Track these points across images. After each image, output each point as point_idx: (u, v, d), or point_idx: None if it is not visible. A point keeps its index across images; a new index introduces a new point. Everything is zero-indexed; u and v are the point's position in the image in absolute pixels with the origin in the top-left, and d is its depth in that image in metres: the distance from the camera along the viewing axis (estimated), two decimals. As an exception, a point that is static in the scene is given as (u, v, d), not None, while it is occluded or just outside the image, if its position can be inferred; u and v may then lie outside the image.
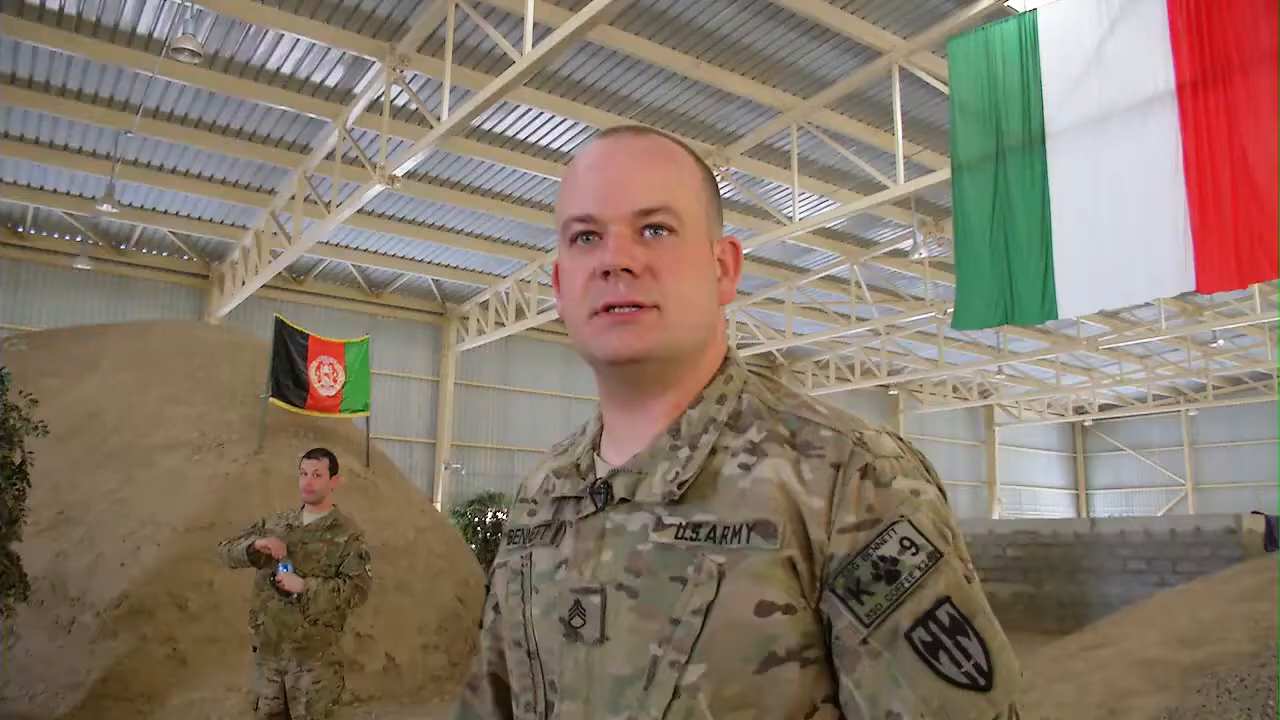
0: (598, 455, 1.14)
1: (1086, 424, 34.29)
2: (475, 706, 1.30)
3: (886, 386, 28.27)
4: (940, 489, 1.02)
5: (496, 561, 1.23)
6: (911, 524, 0.96)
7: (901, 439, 1.06)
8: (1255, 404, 28.31)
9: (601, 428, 1.17)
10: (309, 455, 5.19)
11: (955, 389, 28.63)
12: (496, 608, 1.25)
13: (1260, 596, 7.89)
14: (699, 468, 1.03)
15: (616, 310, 1.03)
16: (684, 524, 1.00)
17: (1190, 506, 30.65)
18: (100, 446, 10.34)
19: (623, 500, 1.05)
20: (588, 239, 1.07)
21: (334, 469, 5.20)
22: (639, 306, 1.03)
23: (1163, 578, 15.39)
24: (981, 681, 0.91)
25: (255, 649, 4.99)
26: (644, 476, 1.05)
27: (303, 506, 5.15)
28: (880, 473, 0.98)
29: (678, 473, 1.03)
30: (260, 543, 4.92)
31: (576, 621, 1.04)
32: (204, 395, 11.47)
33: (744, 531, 0.97)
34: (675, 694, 0.95)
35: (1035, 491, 33.65)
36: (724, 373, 1.12)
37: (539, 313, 18.28)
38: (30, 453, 7.66)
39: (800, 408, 1.07)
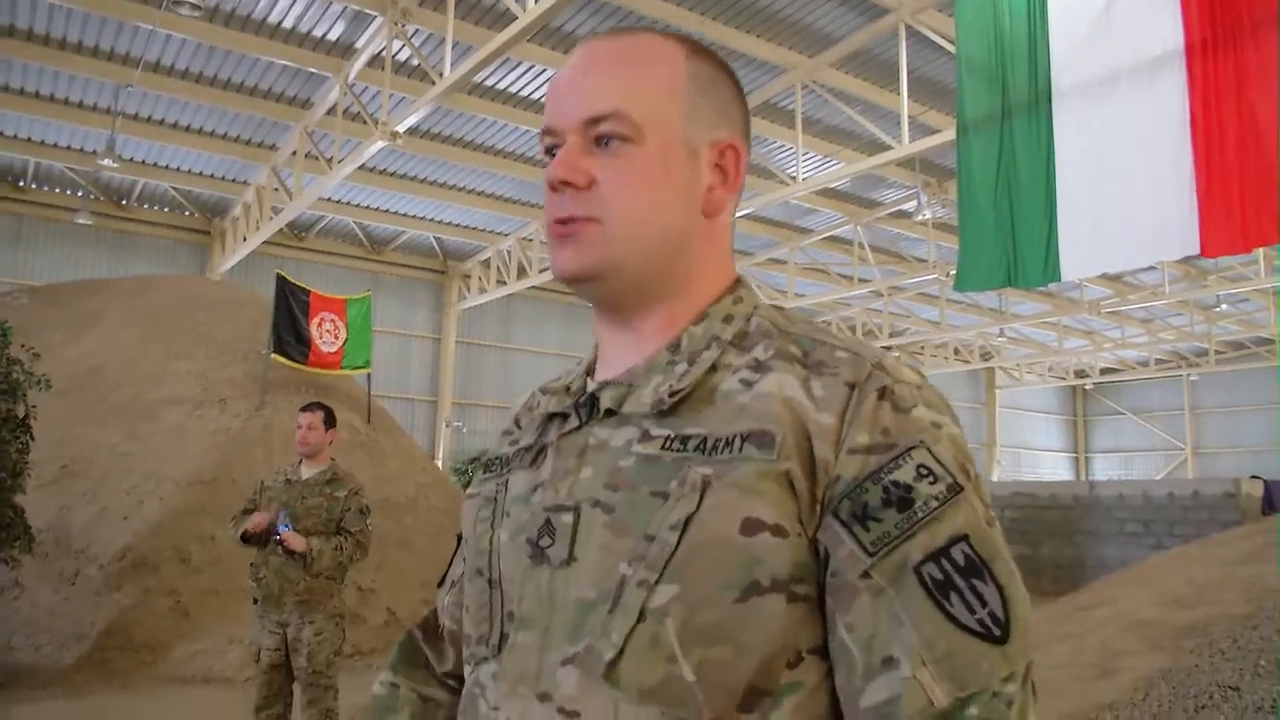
0: (589, 378, 1.05)
1: (1087, 387, 34.31)
2: (422, 647, 1.20)
3: (888, 348, 28.28)
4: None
5: (468, 493, 1.12)
6: (931, 452, 0.85)
7: (923, 374, 0.95)
8: (1257, 369, 28.30)
9: (597, 355, 1.09)
10: (304, 409, 5.22)
11: (956, 351, 28.64)
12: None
13: (1256, 559, 7.95)
14: (695, 380, 0.93)
15: (558, 225, 0.97)
16: (672, 436, 0.90)
17: (1190, 471, 30.75)
18: (103, 401, 10.38)
19: (609, 414, 0.96)
20: (553, 153, 0.99)
21: (330, 422, 5.22)
22: (576, 220, 0.95)
23: (1160, 541, 15.47)
24: (996, 632, 0.79)
25: (256, 601, 5.03)
26: (634, 389, 0.96)
27: (300, 461, 5.18)
28: (900, 397, 0.88)
29: (671, 384, 0.93)
30: (250, 525, 4.94)
31: (545, 542, 0.93)
32: (206, 351, 11.50)
33: (737, 442, 0.87)
34: (640, 617, 0.84)
35: (1035, 454, 33.77)
36: (733, 293, 1.03)
37: (540, 271, 18.25)
38: (33, 406, 7.71)
39: (815, 331, 0.97)
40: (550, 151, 0.99)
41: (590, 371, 1.06)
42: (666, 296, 0.99)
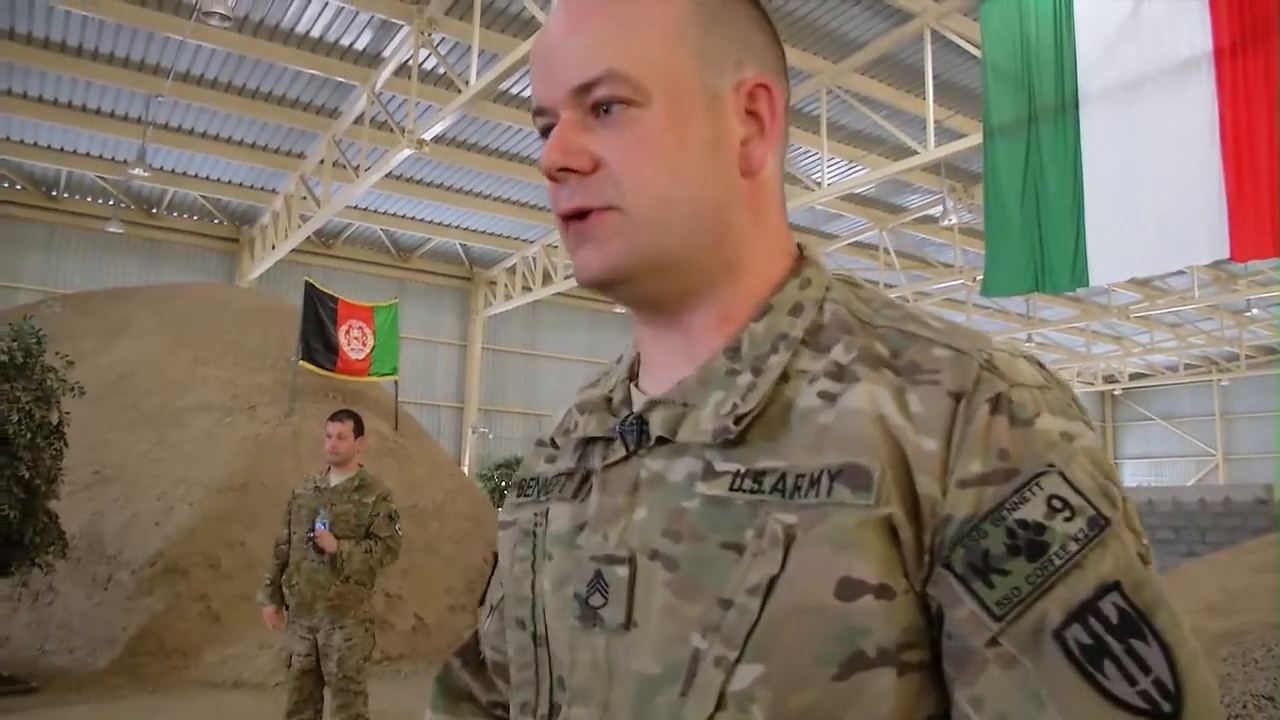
0: (635, 387, 0.87)
1: (1116, 393, 34.03)
2: (463, 677, 1.06)
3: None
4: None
5: (501, 517, 0.97)
6: (1064, 477, 0.68)
7: (1044, 366, 0.77)
8: (1289, 374, 28.00)
9: (639, 355, 0.91)
10: (333, 417, 5.25)
11: (984, 357, 28.43)
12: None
13: (1289, 566, 7.86)
14: (764, 397, 0.76)
15: (569, 221, 0.81)
16: (743, 471, 0.73)
17: (1221, 477, 30.40)
18: (134, 408, 10.49)
19: (662, 441, 0.79)
20: (547, 135, 0.83)
21: (359, 430, 5.26)
22: (589, 212, 0.79)
23: (1191, 547, 15.32)
24: (1166, 706, 0.62)
25: (288, 607, 5.08)
26: (690, 410, 0.78)
27: (328, 469, 5.22)
28: (1019, 406, 0.70)
29: (735, 404, 0.76)
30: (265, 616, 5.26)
31: (596, 600, 0.78)
32: (235, 358, 11.60)
33: (825, 480, 0.70)
34: (720, 704, 0.69)
35: (1063, 460, 33.50)
36: (798, 275, 0.84)
37: (566, 277, 18.30)
38: (67, 413, 7.81)
39: (905, 320, 0.79)
40: (546, 134, 0.83)
41: (633, 375, 0.89)
42: (716, 284, 0.82)
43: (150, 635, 8.33)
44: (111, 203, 17.65)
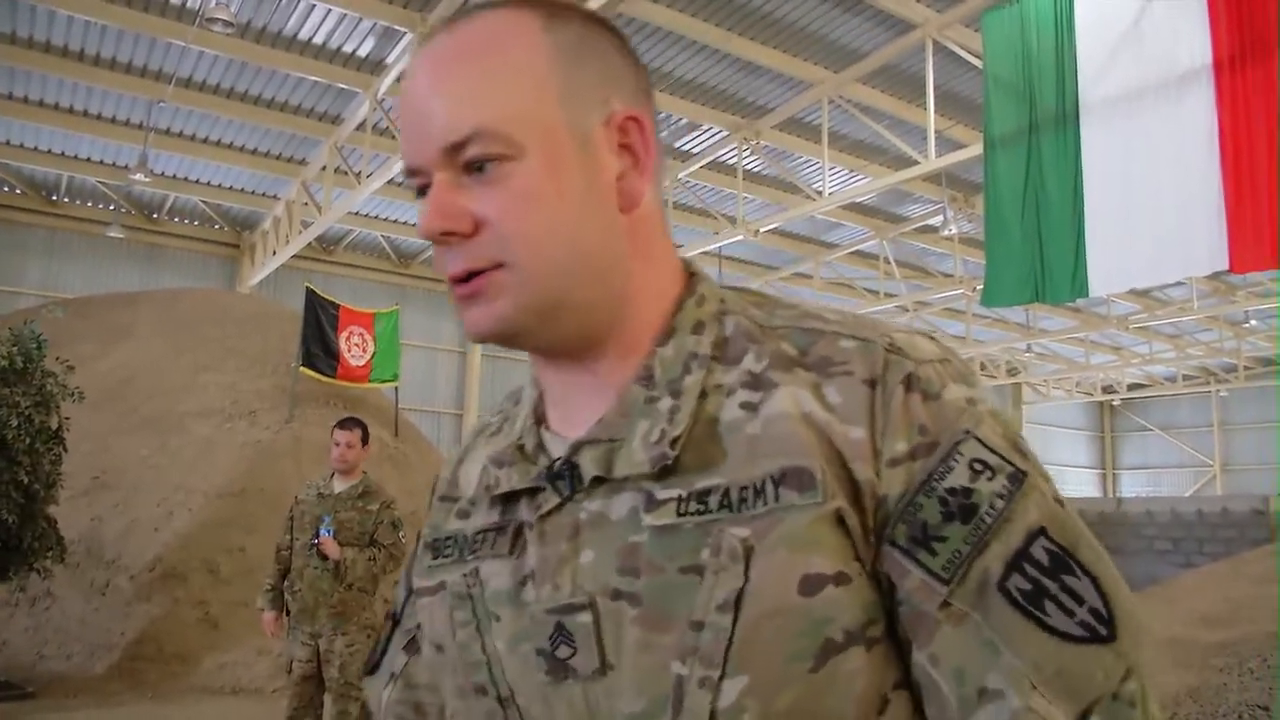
0: (545, 429, 0.86)
1: (1115, 403, 34.02)
2: None
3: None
4: None
5: (417, 584, 0.92)
6: (979, 440, 0.74)
7: (936, 338, 0.82)
8: (1287, 385, 28.02)
9: (541, 393, 0.89)
10: (342, 425, 5.25)
11: (983, 366, 28.47)
12: (412, 646, 0.96)
13: (1287, 578, 7.87)
14: (690, 417, 0.77)
15: (457, 284, 0.79)
16: (685, 495, 0.75)
17: (1219, 487, 30.41)
18: (134, 413, 10.50)
19: (597, 480, 0.79)
20: (424, 194, 0.80)
21: (365, 439, 5.27)
22: (477, 274, 0.78)
23: (1189, 558, 15.33)
24: (1102, 630, 0.69)
25: (289, 613, 5.09)
26: (619, 444, 0.79)
27: (332, 475, 5.23)
28: (927, 381, 0.76)
29: (663, 430, 0.77)
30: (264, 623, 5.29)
31: (563, 651, 0.77)
32: (235, 364, 11.62)
33: (769, 488, 0.73)
34: None
35: (1062, 470, 33.49)
36: (693, 293, 0.84)
37: (566, 285, 18.30)
38: (66, 418, 7.81)
39: (803, 317, 0.82)
40: (423, 192, 0.80)
41: (540, 419, 0.87)
42: (613, 321, 0.81)
43: (149, 641, 8.33)
44: (112, 208, 17.65)
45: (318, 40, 11.87)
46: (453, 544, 0.89)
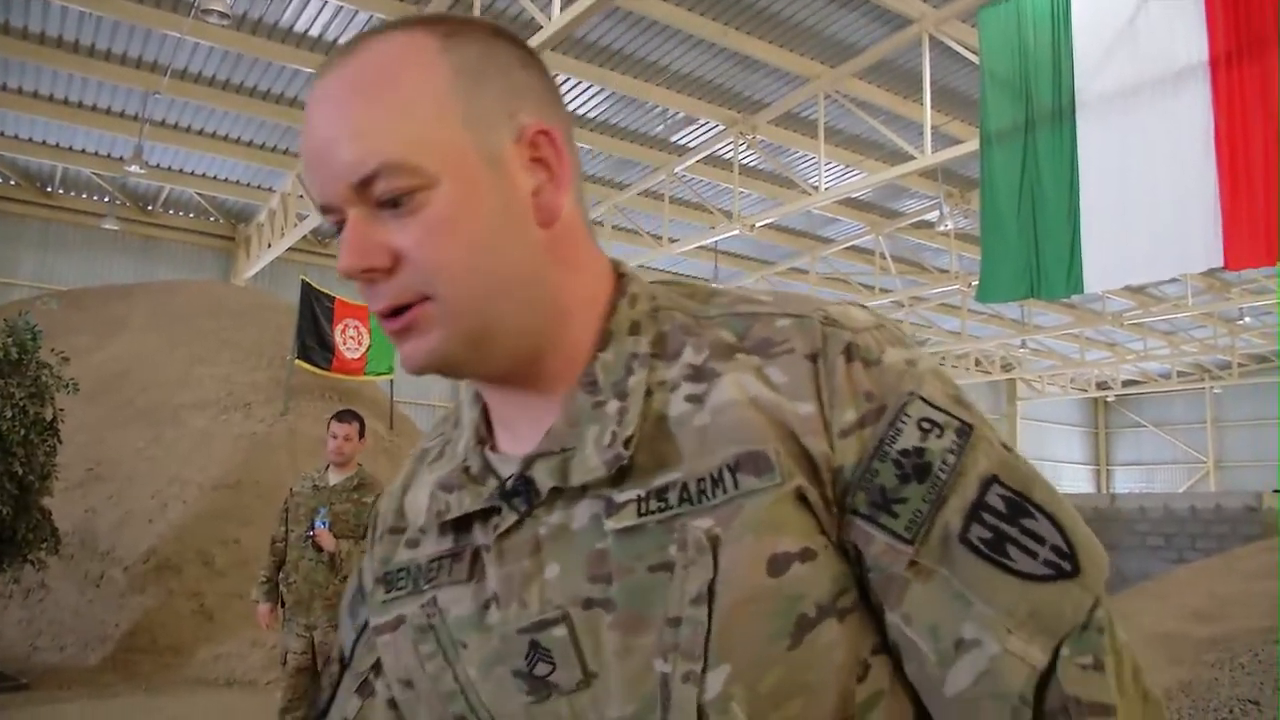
0: (489, 450, 0.84)
1: (1109, 399, 34.08)
2: None
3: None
4: None
5: (374, 621, 0.89)
6: (924, 400, 0.75)
7: (866, 306, 0.83)
8: (1280, 382, 28.09)
9: (483, 411, 0.88)
10: (339, 418, 5.25)
11: (978, 362, 28.53)
12: (365, 688, 0.91)
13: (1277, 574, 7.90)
14: (640, 415, 0.77)
15: (386, 319, 0.77)
16: (644, 495, 0.75)
17: (1212, 484, 30.48)
18: (129, 405, 10.49)
19: (554, 493, 0.78)
20: (341, 230, 0.77)
21: (363, 432, 5.28)
22: (404, 309, 0.76)
23: (1181, 554, 15.36)
24: (1067, 566, 0.71)
25: (284, 605, 5.10)
26: (571, 452, 0.78)
27: (327, 467, 5.24)
28: (865, 349, 0.77)
29: (614, 432, 0.76)
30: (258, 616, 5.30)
31: (541, 669, 0.76)
32: (231, 356, 11.60)
33: (727, 476, 0.73)
34: (701, 714, 0.71)
35: (1056, 466, 33.55)
36: (625, 294, 0.83)
37: (562, 279, 18.29)
38: (61, 410, 7.80)
39: (736, 303, 0.82)
40: (341, 228, 0.77)
41: (482, 440, 0.86)
42: (550, 336, 0.80)
43: (143, 632, 8.33)
44: (107, 199, 17.60)
45: (314, 32, 11.85)
46: (406, 575, 0.87)
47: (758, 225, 15.20)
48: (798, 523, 0.73)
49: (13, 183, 17.01)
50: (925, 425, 0.74)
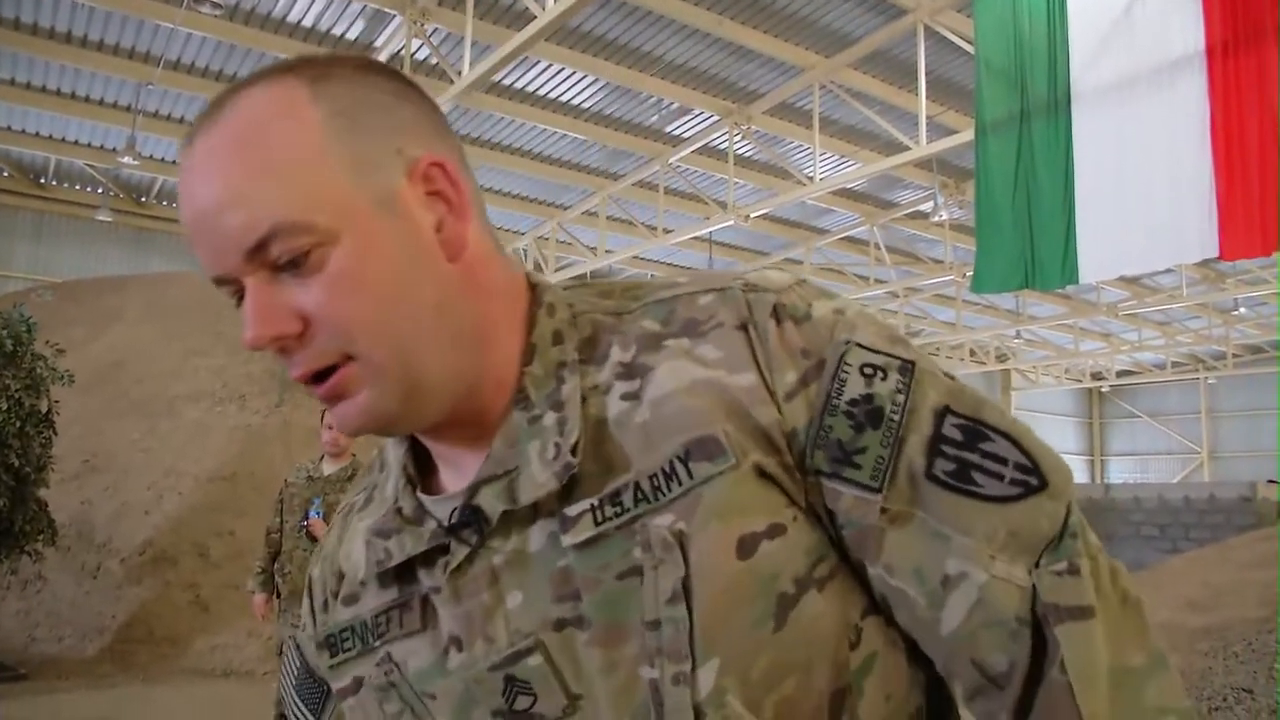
0: (422, 494, 0.81)
1: (1104, 390, 34.16)
2: None
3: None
4: None
5: (335, 686, 0.86)
6: (861, 345, 0.74)
7: (781, 269, 0.81)
8: (1274, 373, 28.06)
9: (409, 449, 0.84)
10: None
11: (972, 353, 28.55)
12: None
13: (1272, 564, 7.94)
14: (580, 421, 0.74)
15: (311, 385, 0.73)
16: (597, 504, 0.72)
17: (1206, 474, 30.57)
18: (124, 397, 10.48)
19: (505, 517, 0.75)
20: (241, 301, 0.73)
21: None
22: (326, 373, 0.72)
23: (1176, 544, 15.42)
24: (1034, 481, 0.71)
25: (280, 596, 5.10)
26: (515, 472, 0.75)
27: (322, 458, 5.24)
28: (792, 307, 0.76)
29: (557, 443, 0.74)
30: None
31: (522, 702, 0.73)
32: (225, 348, 11.59)
33: (679, 468, 0.71)
34: (698, 713, 0.69)
35: (1050, 456, 33.61)
36: (540, 306, 0.80)
37: (557, 270, 18.30)
38: (56, 401, 7.80)
39: (654, 291, 0.81)
40: (239, 298, 0.73)
41: (411, 480, 0.82)
42: (477, 366, 0.77)
43: (139, 623, 8.34)
44: (101, 191, 17.56)
45: (307, 23, 11.81)
46: (351, 634, 0.83)
47: (752, 216, 15.18)
48: (762, 500, 0.71)
49: (6, 174, 16.95)
50: (868, 371, 0.73)
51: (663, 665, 0.69)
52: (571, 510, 0.73)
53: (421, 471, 0.84)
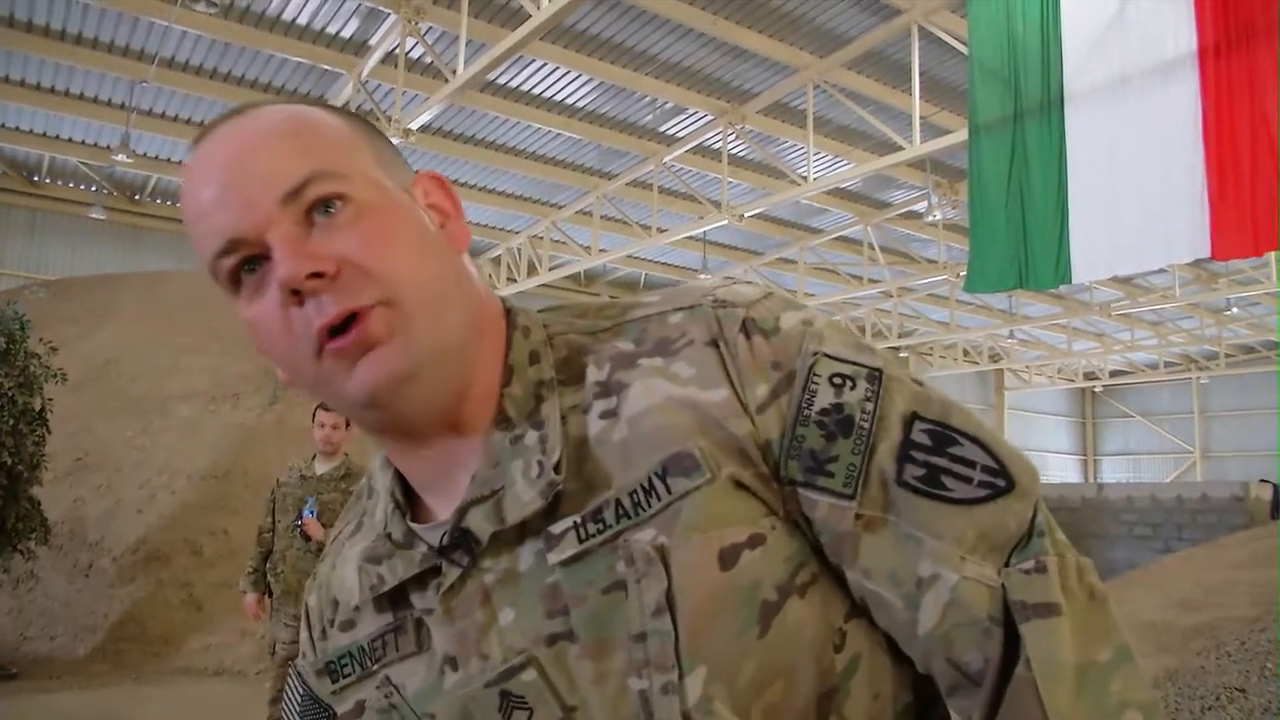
0: (411, 521, 0.83)
1: (1096, 390, 34.24)
2: None
3: (897, 349, 28.28)
4: None
5: (339, 710, 0.88)
6: (829, 356, 0.76)
7: (751, 281, 0.84)
8: (1267, 373, 28.20)
9: (396, 476, 0.86)
10: (325, 408, 5.23)
11: (965, 352, 28.60)
12: None
13: (1264, 563, 7.97)
14: (562, 438, 0.76)
15: (335, 337, 0.72)
16: (580, 521, 0.74)
17: (1199, 474, 30.64)
18: (118, 395, 10.46)
19: (494, 537, 0.77)
20: (253, 267, 0.74)
21: (349, 422, 5.26)
22: (358, 315, 0.72)
23: (1168, 544, 15.46)
24: (1001, 483, 0.73)
25: (272, 595, 5.09)
26: (501, 492, 0.76)
27: (314, 457, 5.23)
28: (761, 320, 0.78)
29: (540, 461, 0.76)
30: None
31: (519, 717, 0.76)
32: (219, 346, 11.57)
33: (657, 483, 0.73)
34: None
35: (1044, 456, 33.70)
36: (515, 328, 0.83)
37: (551, 269, 18.28)
38: (50, 399, 7.78)
39: (625, 311, 0.83)
40: (244, 270, 0.75)
41: (399, 505, 0.84)
42: (470, 356, 0.79)
43: (132, 622, 8.32)
44: (94, 189, 17.52)
45: (301, 21, 11.79)
46: (349, 659, 0.86)
47: (746, 215, 15.19)
48: (741, 511, 0.74)
49: (0, 171, 16.92)
50: (837, 380, 0.75)
51: (650, 676, 0.72)
52: (555, 528, 0.75)
53: (406, 501, 0.86)
